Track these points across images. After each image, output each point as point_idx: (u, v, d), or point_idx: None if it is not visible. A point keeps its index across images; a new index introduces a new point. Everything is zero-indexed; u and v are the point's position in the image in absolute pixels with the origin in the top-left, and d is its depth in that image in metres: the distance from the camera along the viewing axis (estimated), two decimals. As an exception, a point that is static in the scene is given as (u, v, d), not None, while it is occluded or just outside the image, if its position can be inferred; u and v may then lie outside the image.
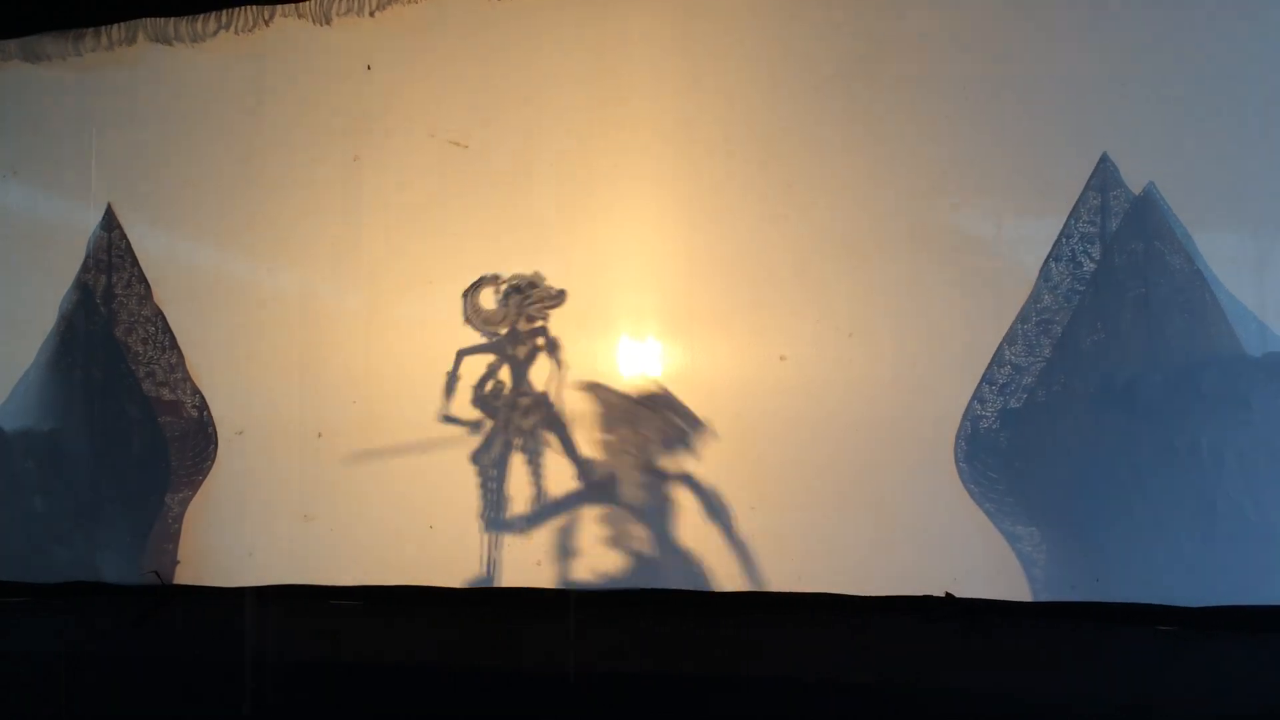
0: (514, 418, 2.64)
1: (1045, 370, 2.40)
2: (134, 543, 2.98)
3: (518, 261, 2.72)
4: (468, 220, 2.78)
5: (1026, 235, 2.43)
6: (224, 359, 2.96)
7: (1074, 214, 2.39)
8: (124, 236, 3.06)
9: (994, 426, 2.42)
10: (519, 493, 2.68)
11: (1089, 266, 2.39)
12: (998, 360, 2.42)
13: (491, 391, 2.67)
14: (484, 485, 2.70)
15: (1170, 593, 2.24)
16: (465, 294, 2.65)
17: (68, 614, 2.88)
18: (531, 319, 2.61)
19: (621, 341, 2.67)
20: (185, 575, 2.92)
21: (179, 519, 2.94)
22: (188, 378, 2.98)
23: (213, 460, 2.93)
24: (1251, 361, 2.28)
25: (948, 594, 2.38)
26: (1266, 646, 2.14)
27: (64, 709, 2.54)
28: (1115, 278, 2.37)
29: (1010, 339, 2.41)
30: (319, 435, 2.83)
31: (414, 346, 2.80)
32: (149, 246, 3.05)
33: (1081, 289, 2.39)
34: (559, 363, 2.63)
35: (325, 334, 2.87)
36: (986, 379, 2.43)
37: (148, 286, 3.03)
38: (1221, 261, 2.32)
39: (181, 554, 2.94)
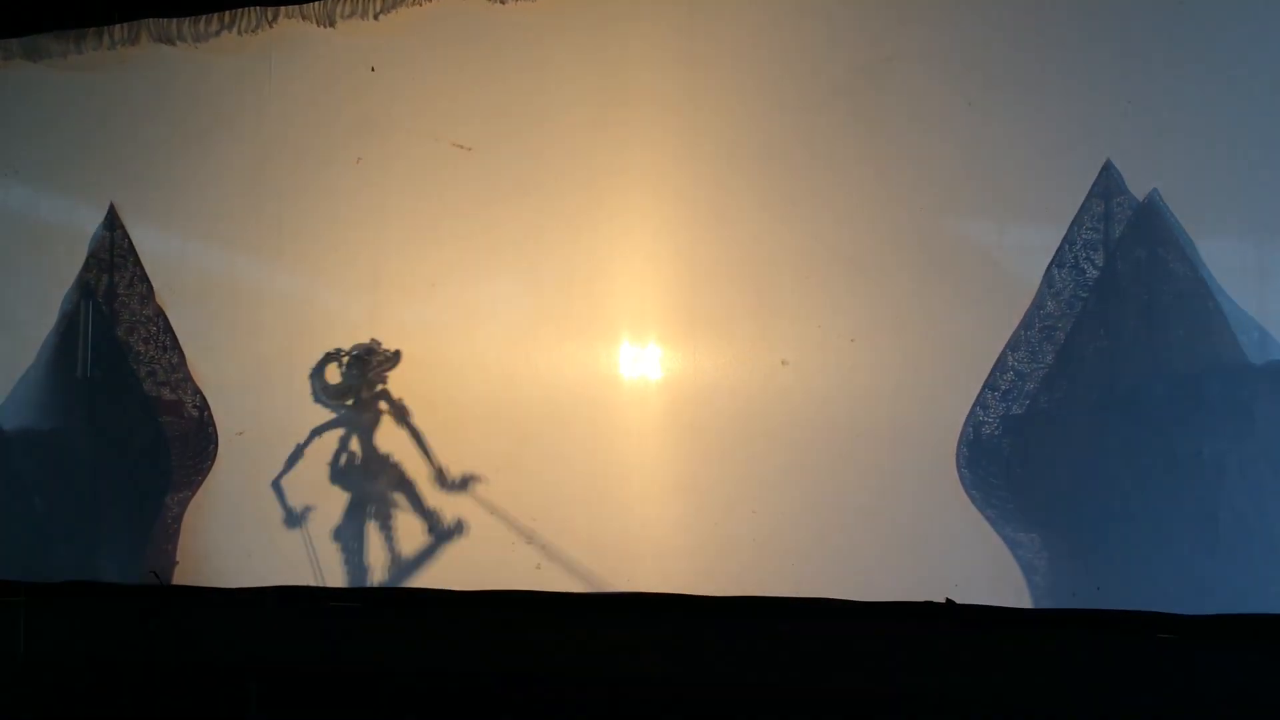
0: (365, 485, 2.69)
1: (1048, 377, 2.39)
2: (134, 543, 2.98)
3: (526, 265, 2.72)
4: (471, 223, 2.78)
5: (1030, 242, 2.43)
6: (225, 360, 2.96)
7: (1077, 221, 2.39)
8: (126, 236, 3.06)
9: (996, 432, 2.42)
10: (376, 561, 2.72)
11: (1092, 273, 2.38)
12: (1000, 366, 2.42)
13: (345, 465, 2.71)
14: (347, 561, 2.73)
15: (1172, 601, 2.24)
16: (311, 375, 2.71)
17: (67, 614, 2.88)
18: (372, 384, 2.66)
19: (623, 345, 2.66)
20: (184, 576, 2.92)
21: (178, 519, 2.94)
22: (189, 378, 2.97)
23: (212, 461, 2.92)
24: (1254, 370, 2.28)
25: (948, 600, 2.37)
26: (1268, 655, 2.14)
27: (63, 707, 2.53)
28: (1118, 285, 2.37)
29: (1013, 345, 2.41)
30: (319, 437, 2.83)
31: (416, 349, 2.80)
32: (151, 246, 3.05)
33: (1085, 296, 2.38)
34: (403, 414, 2.67)
35: (327, 336, 2.87)
36: (989, 385, 2.42)
37: (150, 286, 3.03)
38: (1225, 269, 2.32)
39: (180, 554, 2.93)
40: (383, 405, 2.67)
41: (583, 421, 2.66)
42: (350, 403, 2.66)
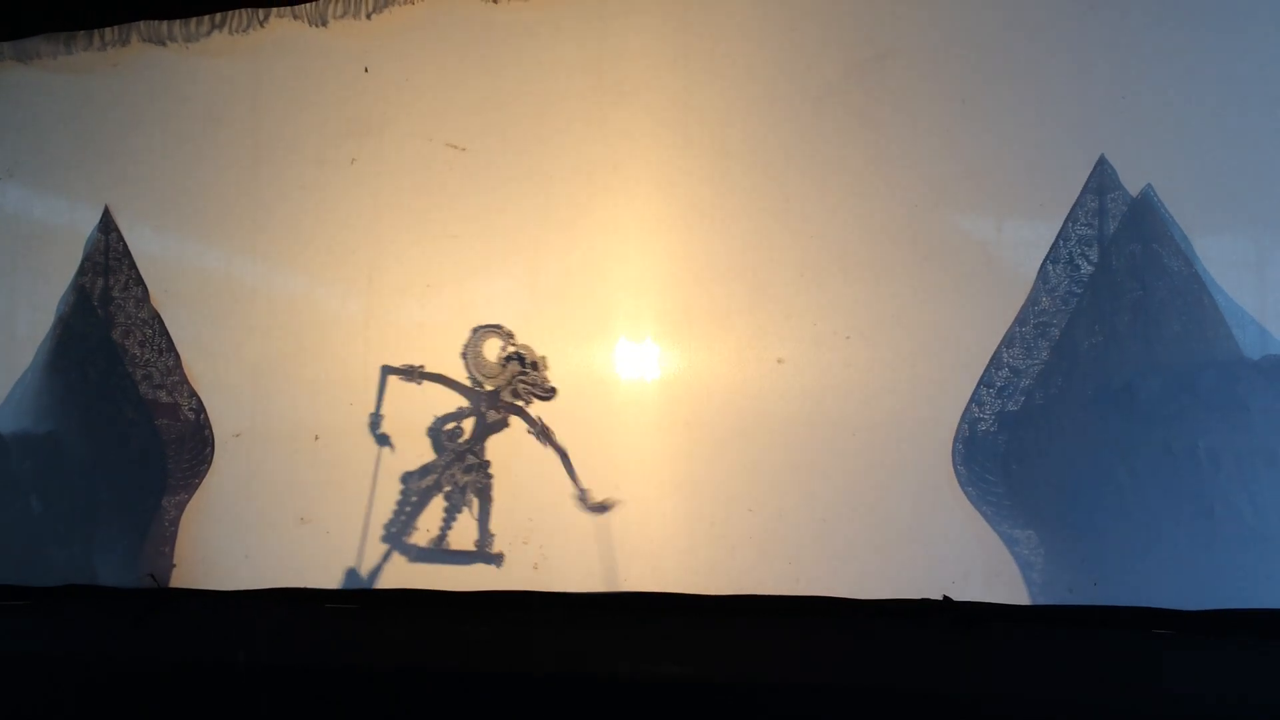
0: (455, 467, 2.70)
1: (1043, 373, 2.39)
2: (130, 545, 2.98)
3: (520, 265, 2.72)
4: (465, 223, 2.78)
5: (1024, 238, 2.43)
6: (221, 362, 2.96)
7: (1071, 216, 2.39)
8: (121, 239, 3.05)
9: (992, 429, 2.42)
10: (424, 527, 2.73)
11: (1087, 269, 2.38)
12: (995, 363, 2.42)
13: (449, 432, 2.71)
14: (400, 504, 2.74)
15: (1168, 597, 2.24)
16: (474, 331, 2.69)
17: (64, 617, 2.88)
18: (516, 395, 2.65)
19: (619, 344, 2.66)
20: (181, 578, 2.91)
21: (175, 522, 2.94)
22: (185, 380, 2.97)
23: (209, 463, 2.92)
24: (1250, 364, 2.27)
25: (945, 597, 2.37)
26: (1264, 651, 2.14)
27: (60, 712, 2.53)
28: (1113, 280, 2.37)
29: (1008, 342, 2.41)
30: (316, 438, 2.83)
31: (412, 349, 2.79)
32: (146, 249, 3.04)
33: (1079, 291, 2.38)
34: (545, 433, 2.66)
35: (323, 337, 2.87)
36: (984, 381, 2.42)
37: (145, 289, 3.02)
38: (1220, 264, 2.31)
39: (178, 557, 2.93)
40: (509, 420, 2.67)
41: (578, 421, 2.66)
42: (489, 388, 2.67)
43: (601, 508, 2.60)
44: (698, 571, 2.54)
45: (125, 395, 3.01)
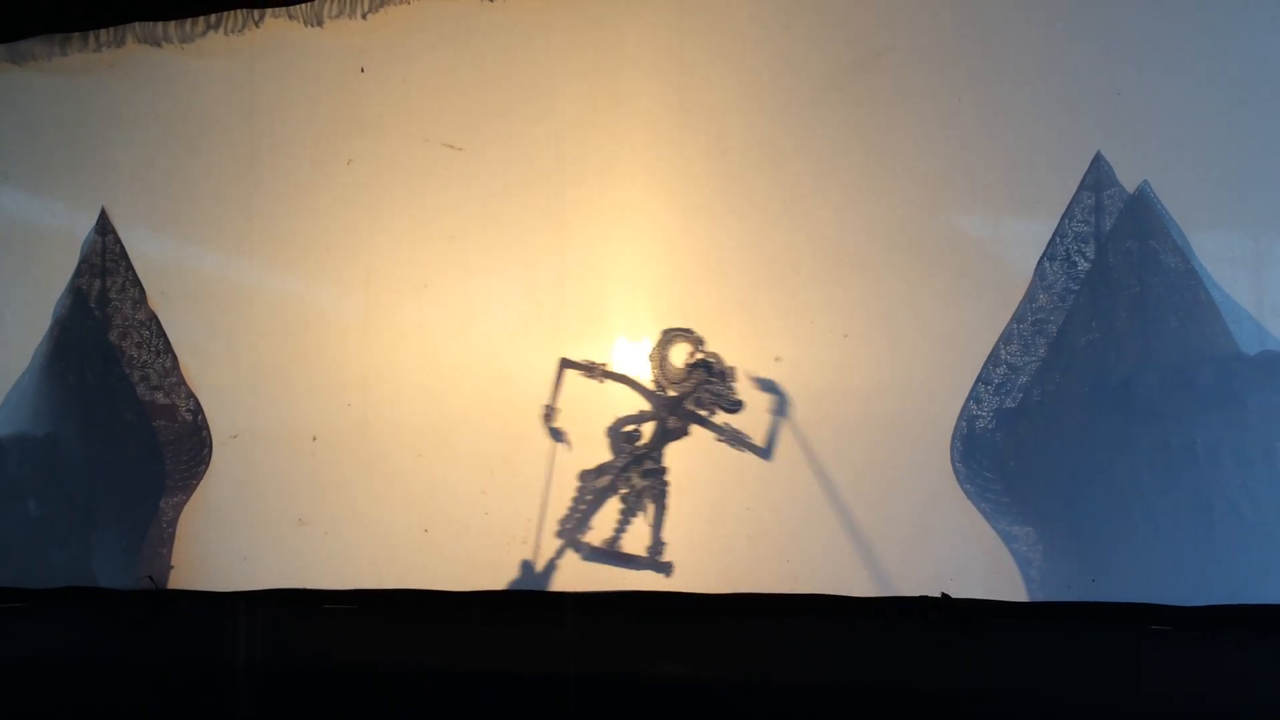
0: (632, 471, 2.63)
1: (1041, 370, 2.39)
2: (129, 548, 2.97)
3: (518, 265, 2.72)
4: (463, 223, 2.78)
5: (1021, 235, 2.43)
6: (219, 363, 2.96)
7: (1068, 213, 2.39)
8: (118, 240, 3.05)
9: (990, 426, 2.42)
10: (600, 526, 2.66)
11: (1084, 266, 2.38)
12: (993, 360, 2.42)
13: (628, 435, 2.64)
14: (576, 501, 2.67)
15: (1166, 592, 2.24)
16: (664, 333, 2.60)
17: (63, 620, 2.87)
18: (700, 404, 2.57)
19: (618, 342, 2.66)
20: (180, 580, 2.91)
21: (173, 523, 2.94)
22: (182, 382, 2.97)
23: (207, 464, 2.92)
24: (1247, 360, 2.28)
25: (943, 594, 2.37)
26: (1262, 646, 2.14)
27: (59, 715, 2.53)
28: (1110, 277, 2.37)
29: (1006, 339, 2.41)
30: (314, 439, 2.83)
31: (410, 350, 2.79)
32: (143, 250, 3.04)
33: (1076, 288, 2.38)
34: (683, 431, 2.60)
35: (320, 337, 2.87)
36: (982, 379, 2.42)
37: (142, 290, 3.02)
38: (1217, 260, 2.31)
39: (176, 559, 2.93)
40: (691, 430, 2.58)
41: (576, 420, 2.65)
42: (672, 394, 2.58)
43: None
44: (697, 571, 2.54)
45: (122, 397, 3.01)
